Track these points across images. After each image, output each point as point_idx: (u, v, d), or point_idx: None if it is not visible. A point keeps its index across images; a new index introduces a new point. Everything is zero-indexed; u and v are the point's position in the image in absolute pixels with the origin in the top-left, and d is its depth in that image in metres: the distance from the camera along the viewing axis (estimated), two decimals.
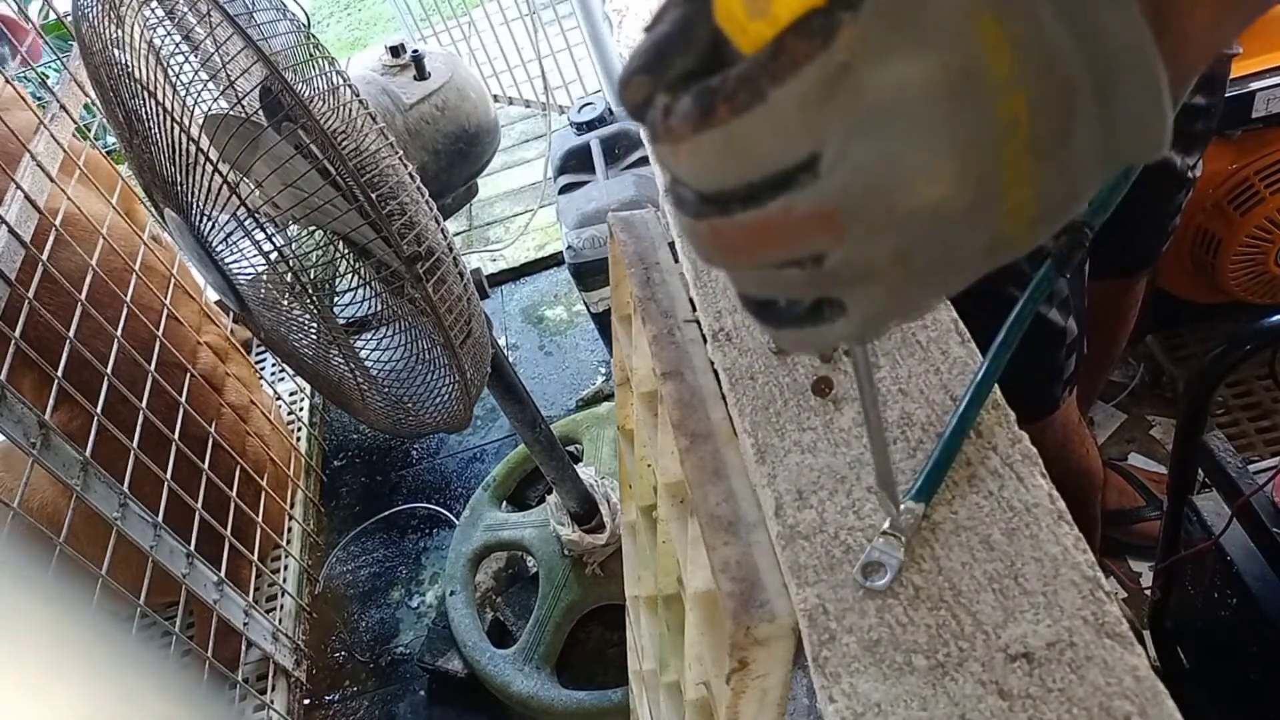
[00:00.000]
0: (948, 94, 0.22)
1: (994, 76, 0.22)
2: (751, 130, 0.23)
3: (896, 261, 0.25)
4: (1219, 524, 0.89)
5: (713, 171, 0.24)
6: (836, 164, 0.23)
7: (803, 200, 0.24)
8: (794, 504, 0.44)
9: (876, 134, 0.23)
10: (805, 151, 0.23)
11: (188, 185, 0.78)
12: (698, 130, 0.23)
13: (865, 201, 0.24)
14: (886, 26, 0.22)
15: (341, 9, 4.79)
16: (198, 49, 0.81)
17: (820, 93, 0.22)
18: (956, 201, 0.24)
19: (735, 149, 0.23)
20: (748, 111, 0.22)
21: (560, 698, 1.46)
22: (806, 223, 0.24)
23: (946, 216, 0.24)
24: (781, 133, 0.23)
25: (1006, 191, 0.24)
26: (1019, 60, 0.22)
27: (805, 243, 0.25)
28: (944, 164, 0.23)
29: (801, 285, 0.26)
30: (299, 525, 1.89)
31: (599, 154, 1.74)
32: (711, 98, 0.23)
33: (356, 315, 0.92)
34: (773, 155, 0.23)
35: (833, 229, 0.24)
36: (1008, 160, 0.23)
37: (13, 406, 1.14)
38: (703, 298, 0.56)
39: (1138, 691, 0.35)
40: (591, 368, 2.13)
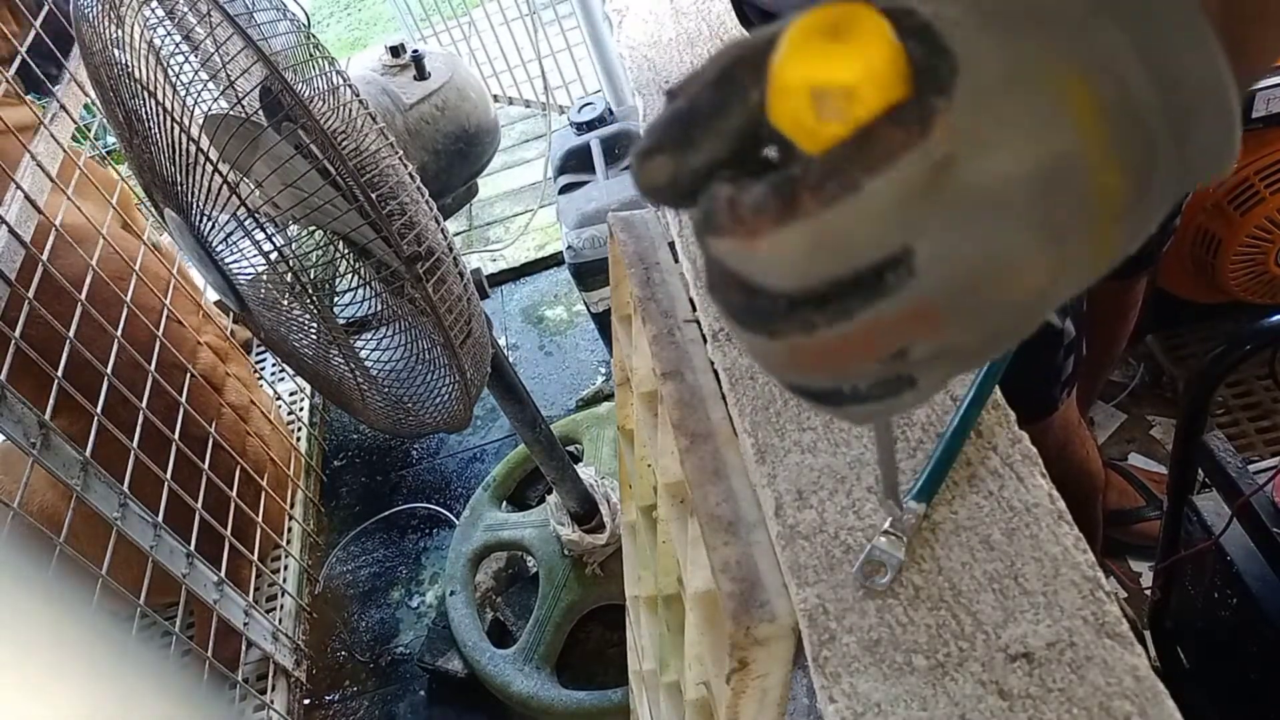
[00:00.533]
0: (1048, 182, 0.21)
1: (1090, 152, 0.22)
2: (844, 222, 0.21)
3: (984, 344, 0.24)
4: (1219, 524, 0.89)
5: (796, 268, 0.22)
6: (935, 259, 0.22)
7: (899, 302, 0.22)
8: (794, 504, 0.44)
9: (978, 227, 0.21)
10: (898, 245, 0.21)
11: (188, 185, 0.78)
12: (780, 223, 0.21)
13: (965, 295, 0.22)
14: (983, 114, 0.21)
15: (341, 9, 4.79)
16: (198, 49, 0.81)
17: (921, 184, 0.21)
18: (1054, 287, 0.23)
19: (825, 242, 0.21)
20: (838, 203, 0.21)
21: (560, 698, 1.46)
22: (901, 323, 0.23)
23: (1042, 299, 0.23)
24: (876, 225, 0.21)
25: (1099, 261, 0.24)
26: (1111, 130, 0.22)
27: (896, 342, 0.23)
28: (1043, 254, 0.22)
29: (879, 375, 0.25)
30: (299, 525, 1.89)
31: (599, 154, 1.74)
32: (794, 188, 0.21)
33: (356, 315, 0.92)
34: (864, 249, 0.22)
35: (928, 325, 0.23)
36: (1100, 232, 0.23)
37: (13, 406, 1.14)
38: (703, 298, 0.56)
39: (1138, 691, 0.35)
40: (591, 368, 2.12)
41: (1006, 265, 0.22)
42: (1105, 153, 0.22)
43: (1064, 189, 0.22)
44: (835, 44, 0.21)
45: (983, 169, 0.21)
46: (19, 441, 1.14)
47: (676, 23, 0.82)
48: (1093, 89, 0.21)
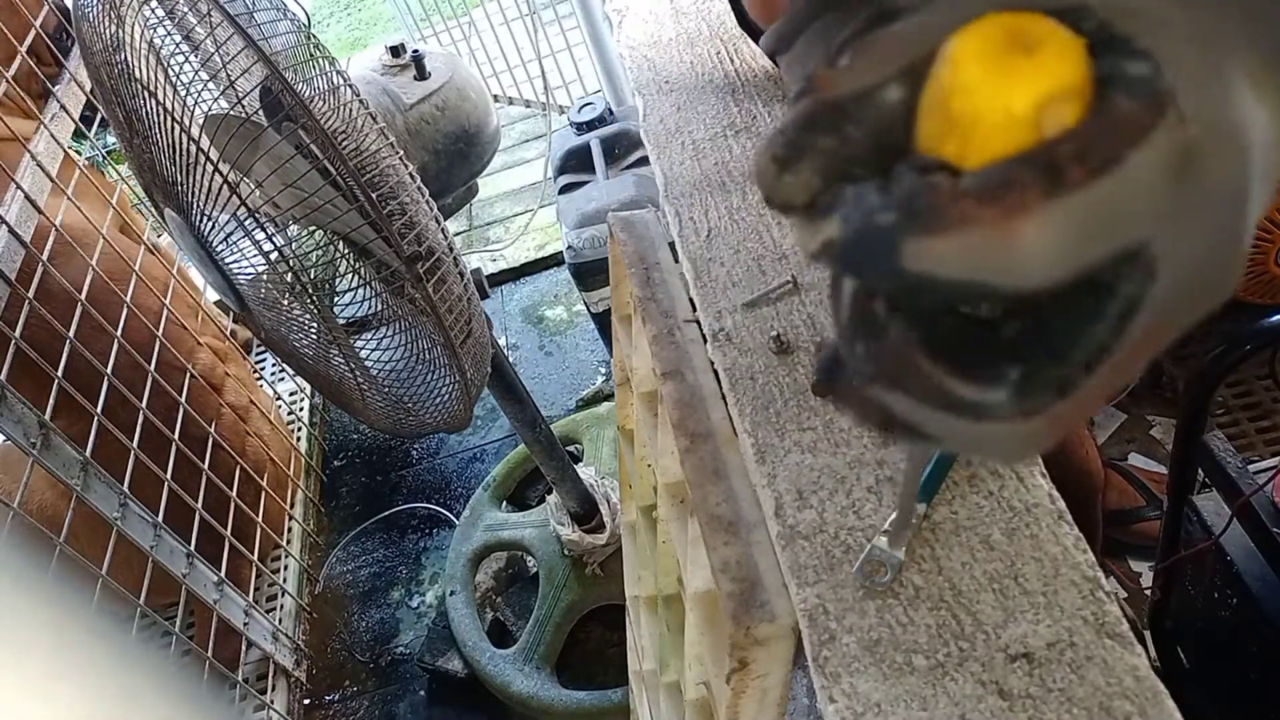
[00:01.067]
0: (1244, 188, 0.20)
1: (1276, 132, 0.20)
2: (1112, 195, 0.19)
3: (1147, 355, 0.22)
4: (1219, 524, 0.89)
5: (1068, 250, 0.19)
6: (1170, 255, 0.20)
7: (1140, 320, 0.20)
8: (794, 504, 0.44)
9: (1211, 220, 0.20)
10: (1143, 233, 0.19)
11: (188, 185, 0.78)
12: (1049, 196, 0.18)
13: (1182, 304, 0.21)
14: (1204, 102, 0.19)
15: (341, 9, 4.79)
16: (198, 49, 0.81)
17: (1174, 164, 0.19)
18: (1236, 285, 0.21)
19: (1098, 215, 0.19)
20: (1107, 174, 0.18)
21: (560, 698, 1.46)
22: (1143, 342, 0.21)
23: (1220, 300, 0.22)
24: (1137, 203, 0.19)
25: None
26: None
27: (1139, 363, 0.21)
28: (1241, 252, 0.21)
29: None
30: (299, 525, 1.89)
31: (599, 154, 1.74)
32: (1055, 159, 0.19)
33: (356, 315, 0.92)
34: (1120, 231, 0.19)
35: (1162, 322, 0.21)
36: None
37: (13, 406, 1.14)
38: (703, 298, 0.56)
39: (1138, 691, 0.35)
40: (591, 368, 2.12)
41: (1227, 265, 0.20)
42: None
43: (1268, 179, 0.20)
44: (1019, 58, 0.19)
45: (1224, 156, 0.19)
46: (19, 441, 1.14)
47: (676, 23, 0.82)
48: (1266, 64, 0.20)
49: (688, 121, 0.70)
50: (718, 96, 0.71)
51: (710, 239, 0.60)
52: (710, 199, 0.63)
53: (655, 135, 0.70)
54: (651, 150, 0.69)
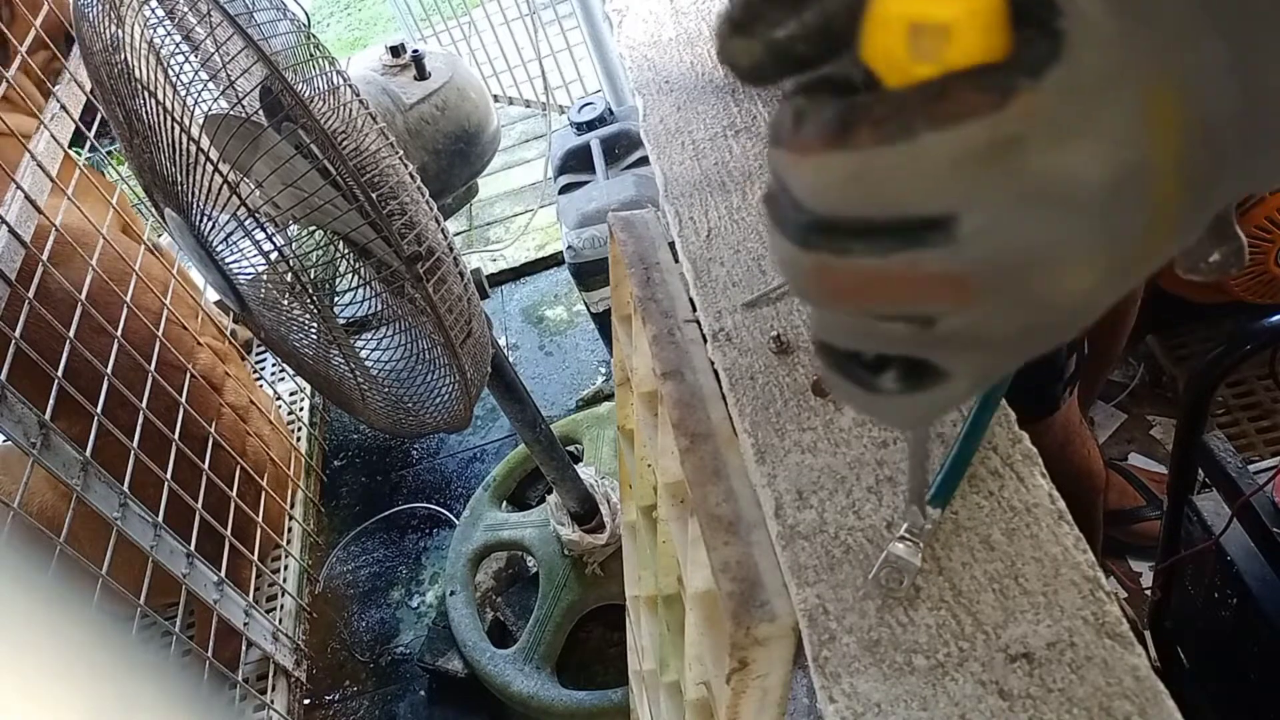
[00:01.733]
0: (1116, 187, 0.20)
1: (1158, 164, 0.21)
2: (891, 166, 0.20)
3: (1021, 335, 0.23)
4: (1219, 524, 0.89)
5: (835, 196, 0.22)
6: (980, 233, 0.21)
7: (933, 260, 0.21)
8: (794, 504, 0.44)
9: (1033, 216, 0.21)
10: (942, 208, 0.21)
11: (188, 185, 0.78)
12: (830, 147, 0.21)
13: (1004, 278, 0.22)
14: (1068, 106, 0.20)
15: (341, 9, 4.79)
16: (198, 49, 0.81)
17: (980, 155, 0.20)
18: (1096, 293, 0.22)
19: (867, 180, 0.21)
20: (892, 145, 0.20)
21: (560, 698, 1.46)
22: (931, 283, 0.22)
23: (1082, 303, 0.23)
24: (923, 180, 0.20)
25: (1142, 269, 0.23)
26: (1183, 141, 0.21)
27: (923, 303, 0.22)
28: (1093, 258, 0.21)
29: (903, 343, 0.24)
30: (299, 525, 1.89)
31: (599, 154, 1.74)
32: (856, 116, 0.20)
33: (356, 315, 0.92)
34: (907, 200, 0.21)
35: (960, 296, 0.22)
36: (1151, 245, 0.22)
37: (13, 406, 1.14)
38: (703, 298, 0.56)
39: (1138, 691, 0.35)
40: (591, 368, 2.12)
41: (1054, 260, 0.21)
42: (1174, 165, 0.21)
43: (1128, 197, 0.21)
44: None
45: (1053, 161, 0.20)
46: (19, 441, 1.14)
47: (676, 22, 0.82)
48: (1180, 101, 0.20)
49: (688, 121, 0.70)
50: (718, 96, 0.71)
51: (710, 239, 0.60)
52: (710, 199, 0.63)
53: (655, 135, 0.70)
54: (651, 150, 0.69)
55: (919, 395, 0.25)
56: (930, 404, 0.25)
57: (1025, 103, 0.19)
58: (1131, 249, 0.22)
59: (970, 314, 0.22)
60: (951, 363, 0.24)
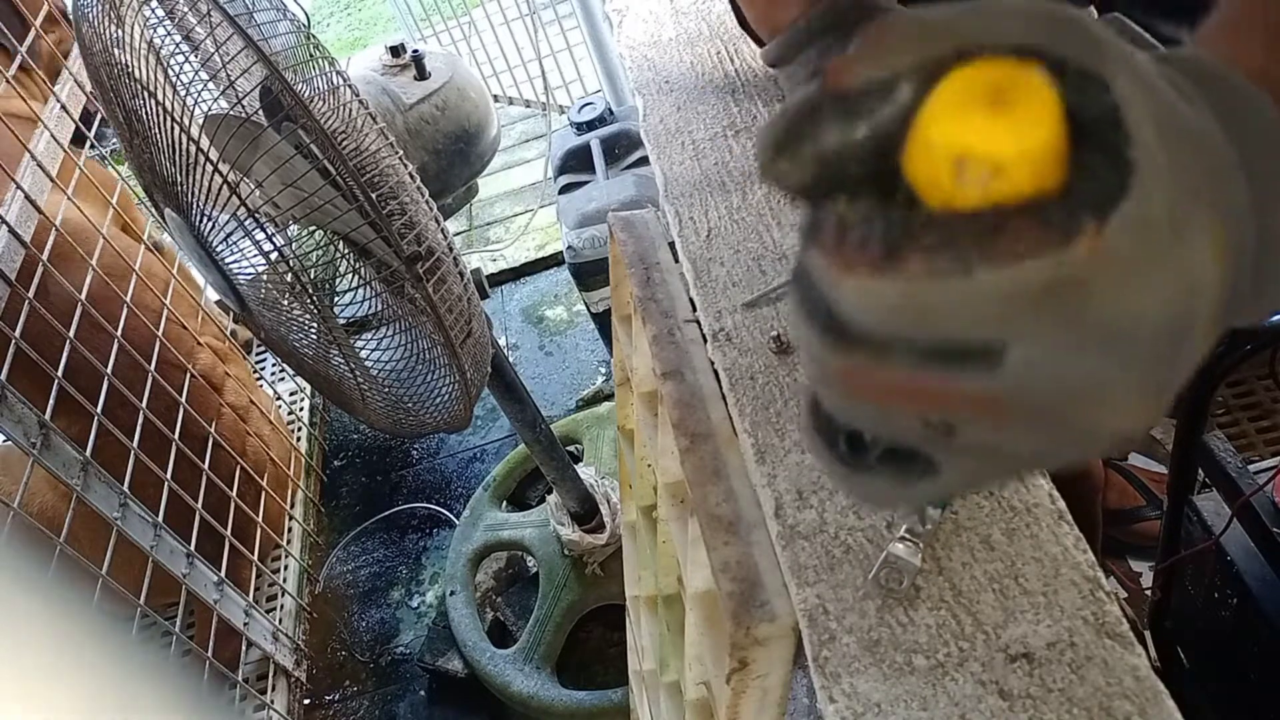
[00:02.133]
0: (1171, 331, 0.20)
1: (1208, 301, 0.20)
2: (942, 300, 0.19)
3: (1036, 458, 0.23)
4: (1219, 524, 0.89)
5: (877, 318, 0.20)
6: (1028, 366, 0.20)
7: (972, 384, 0.20)
8: (794, 504, 0.44)
9: (1088, 355, 0.20)
10: (990, 339, 0.20)
11: (188, 185, 0.78)
12: (880, 272, 0.19)
13: (1040, 408, 0.21)
14: (1137, 246, 0.18)
15: (341, 9, 4.79)
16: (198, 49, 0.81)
17: (1038, 295, 0.19)
18: (1137, 428, 0.21)
19: (914, 310, 0.19)
20: (943, 280, 0.19)
21: (560, 698, 1.46)
22: (966, 401, 0.21)
23: (1118, 437, 0.22)
24: (975, 314, 0.19)
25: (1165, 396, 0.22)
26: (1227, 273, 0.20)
27: (952, 415, 0.21)
28: (1142, 398, 0.21)
29: (914, 440, 0.23)
30: (299, 525, 1.89)
31: (599, 154, 1.74)
32: (907, 243, 0.19)
33: (356, 315, 0.92)
34: (955, 330, 0.20)
35: (991, 415, 0.21)
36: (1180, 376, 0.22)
37: (13, 406, 1.14)
38: (703, 298, 0.56)
39: (1138, 691, 0.35)
40: (591, 368, 2.12)
41: (1101, 396, 0.20)
42: (1217, 302, 0.20)
43: (1184, 342, 0.20)
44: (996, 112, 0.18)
45: (1118, 303, 0.19)
46: (19, 441, 1.14)
47: (676, 22, 0.82)
48: (1227, 238, 0.20)
49: (688, 121, 0.70)
50: (718, 96, 0.71)
51: (710, 239, 0.60)
52: (710, 199, 0.63)
53: (655, 135, 0.70)
54: (651, 150, 0.69)
55: (902, 485, 0.24)
56: (909, 494, 0.24)
57: (1090, 242, 0.18)
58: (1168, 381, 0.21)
59: (996, 434, 0.22)
60: (950, 463, 0.23)
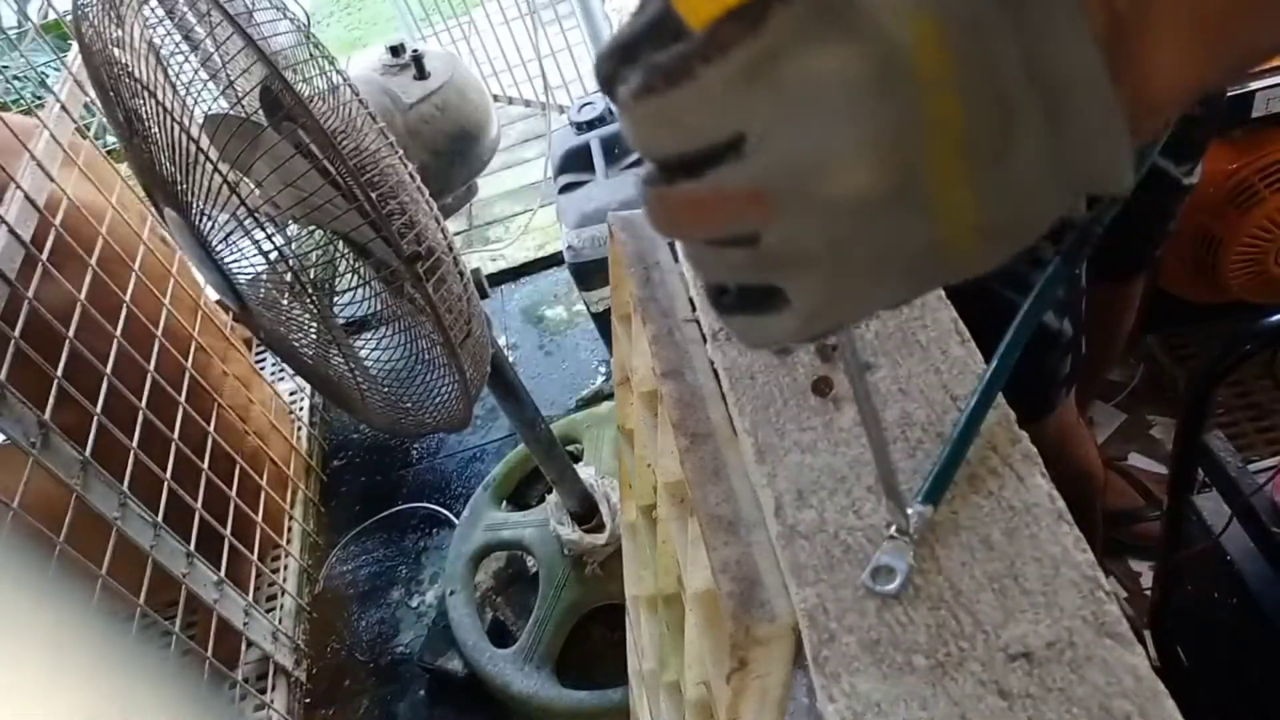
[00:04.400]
0: (869, 86, 0.23)
1: (923, 75, 0.23)
2: (680, 104, 0.24)
3: (831, 249, 0.26)
4: (1219, 524, 0.89)
5: (649, 139, 0.26)
6: (760, 145, 0.24)
7: (730, 177, 0.24)
8: (794, 504, 0.44)
9: (798, 119, 0.23)
10: (730, 130, 0.24)
11: (187, 185, 0.78)
12: (638, 100, 0.24)
13: (789, 184, 0.24)
14: (817, 16, 0.22)
15: (341, 8, 4.79)
16: (198, 48, 0.81)
17: (745, 75, 0.23)
18: (877, 191, 0.24)
19: (665, 119, 0.24)
20: (677, 87, 0.24)
21: (560, 697, 1.46)
22: (736, 199, 0.25)
23: (871, 206, 0.24)
24: (708, 110, 0.24)
25: (939, 192, 0.24)
26: (954, 64, 0.23)
27: (737, 219, 0.26)
28: (863, 153, 0.24)
29: (743, 266, 0.27)
30: (299, 525, 1.89)
31: (599, 154, 1.73)
32: (652, 72, 0.24)
33: (356, 315, 0.92)
34: (701, 130, 0.24)
35: (762, 208, 0.25)
36: (934, 158, 0.24)
37: (12, 406, 1.14)
38: (702, 298, 0.56)
39: (1137, 691, 0.35)
40: (591, 367, 2.12)
41: (825, 157, 0.24)
42: (940, 79, 0.23)
43: (886, 97, 0.23)
44: None
45: (805, 64, 0.23)
46: (19, 441, 1.14)
47: None
48: (941, 27, 0.23)
49: None
50: None
51: None
52: None
53: None
54: None
55: (767, 317, 0.28)
56: (777, 327, 0.28)
57: (778, 20, 0.22)
58: (909, 149, 0.24)
59: (779, 226, 0.25)
60: (789, 284, 0.27)
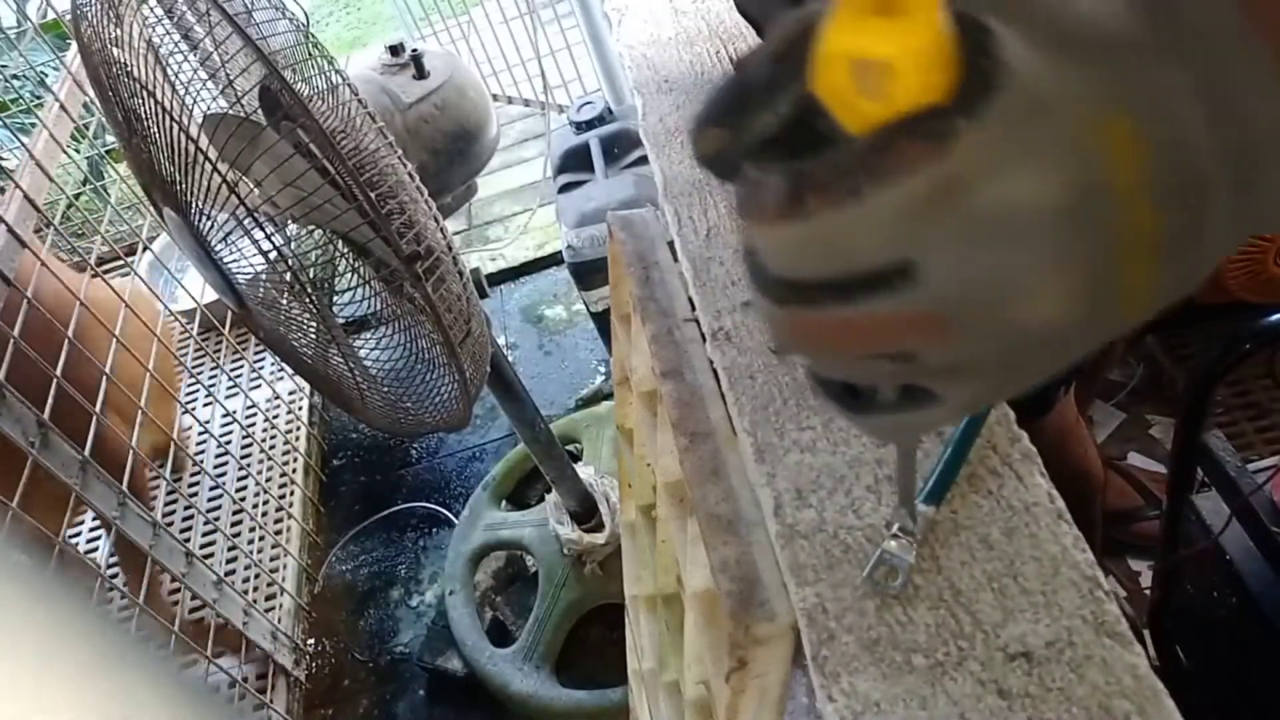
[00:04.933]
0: (1067, 213, 0.21)
1: (1119, 187, 0.21)
2: (843, 229, 0.21)
3: (1004, 362, 0.24)
4: (1219, 524, 0.89)
5: (797, 262, 0.22)
6: (940, 274, 0.21)
7: (901, 304, 0.22)
8: (793, 503, 0.44)
9: (986, 249, 0.21)
10: (900, 257, 0.21)
11: (187, 185, 0.78)
12: (784, 218, 0.21)
13: (972, 312, 0.22)
14: (1008, 138, 0.20)
15: (340, 8, 4.79)
16: (196, 48, 0.81)
17: (925, 204, 0.20)
18: (1071, 318, 0.22)
19: (822, 245, 0.21)
20: (840, 209, 0.21)
21: (560, 697, 1.46)
22: (902, 325, 0.22)
23: (1060, 329, 0.22)
24: (876, 237, 0.21)
25: (1126, 297, 0.23)
26: (1148, 167, 0.21)
27: (898, 343, 0.23)
28: (1060, 283, 0.21)
29: (891, 377, 0.25)
30: (298, 524, 1.89)
31: (598, 153, 1.73)
32: (802, 184, 0.21)
33: (355, 314, 0.92)
34: (864, 257, 0.21)
35: (933, 333, 0.22)
36: (1131, 268, 0.22)
37: (12, 406, 1.14)
38: (702, 297, 0.56)
39: (1137, 690, 0.35)
40: (591, 367, 2.12)
41: (1018, 290, 0.21)
42: (1135, 186, 0.21)
43: (1086, 222, 0.21)
44: (882, 18, 0.20)
45: (996, 193, 0.20)
46: (18, 440, 1.13)
47: (675, 21, 0.82)
48: (1134, 124, 0.21)
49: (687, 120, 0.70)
50: None
51: (709, 238, 0.60)
52: (709, 198, 0.63)
53: (654, 134, 0.70)
54: (651, 149, 0.69)
55: (910, 413, 0.26)
56: (920, 421, 0.26)
57: (967, 143, 0.20)
58: (1105, 271, 0.22)
59: (949, 349, 0.23)
60: (945, 389, 0.25)
